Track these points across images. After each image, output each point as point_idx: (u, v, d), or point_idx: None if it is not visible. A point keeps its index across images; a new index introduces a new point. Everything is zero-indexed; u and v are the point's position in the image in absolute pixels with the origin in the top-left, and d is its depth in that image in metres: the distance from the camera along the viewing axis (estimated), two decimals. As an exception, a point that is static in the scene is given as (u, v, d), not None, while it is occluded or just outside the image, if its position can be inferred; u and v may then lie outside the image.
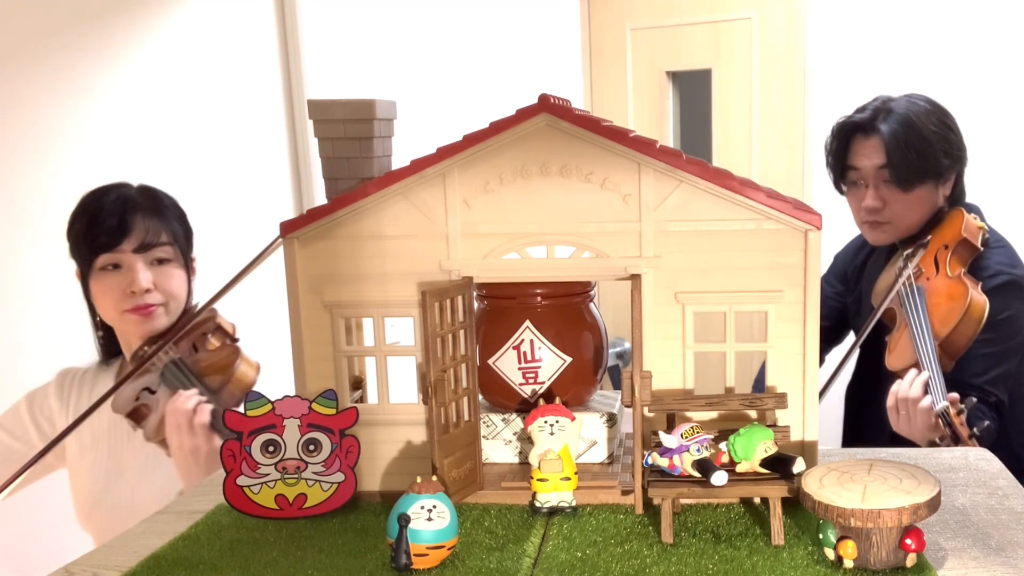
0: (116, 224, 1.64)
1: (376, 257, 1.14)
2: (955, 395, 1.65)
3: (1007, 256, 1.90)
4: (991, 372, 1.80)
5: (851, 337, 2.15)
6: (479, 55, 3.64)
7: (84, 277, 1.68)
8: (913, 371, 1.70)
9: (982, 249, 1.85)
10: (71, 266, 1.73)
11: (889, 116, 1.91)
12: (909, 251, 1.89)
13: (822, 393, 1.90)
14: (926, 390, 1.66)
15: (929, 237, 1.88)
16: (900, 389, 1.70)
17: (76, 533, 1.78)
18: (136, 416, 1.63)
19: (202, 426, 1.53)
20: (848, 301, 2.16)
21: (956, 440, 1.58)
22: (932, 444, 1.62)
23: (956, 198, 1.97)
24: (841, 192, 2.03)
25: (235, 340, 1.72)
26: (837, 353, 2.05)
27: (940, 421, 1.61)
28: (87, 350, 1.82)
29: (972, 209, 1.97)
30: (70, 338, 1.85)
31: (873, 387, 2.02)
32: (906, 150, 1.87)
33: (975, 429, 1.60)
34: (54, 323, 1.99)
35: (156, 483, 1.67)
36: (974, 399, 1.64)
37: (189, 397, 1.56)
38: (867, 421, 2.07)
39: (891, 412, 1.72)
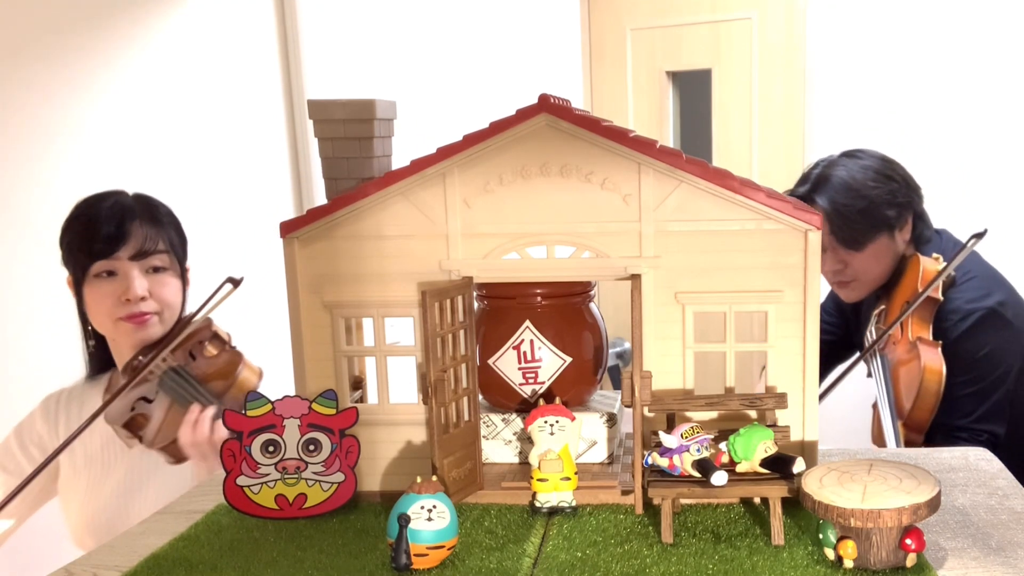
0: (114, 231, 1.61)
1: (376, 257, 1.14)
2: None
3: (977, 288, 1.88)
4: (980, 410, 1.80)
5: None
6: (479, 55, 3.64)
7: (78, 284, 1.65)
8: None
9: (942, 299, 1.84)
10: (64, 274, 1.71)
11: (827, 184, 1.94)
12: (880, 309, 1.91)
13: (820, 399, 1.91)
14: None
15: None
16: None
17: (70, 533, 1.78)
18: (132, 426, 1.60)
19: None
20: (851, 331, 2.17)
21: None
22: None
23: (919, 235, 1.98)
24: None
25: (232, 348, 1.70)
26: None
27: None
28: (74, 365, 1.79)
29: (941, 237, 1.96)
30: (61, 348, 1.83)
31: None
32: (846, 214, 1.90)
33: None
34: (48, 329, 1.98)
35: (152, 498, 1.65)
36: None
37: (202, 420, 1.53)
38: None
39: None
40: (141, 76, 2.34)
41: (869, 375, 1.94)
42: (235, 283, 1.53)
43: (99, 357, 1.76)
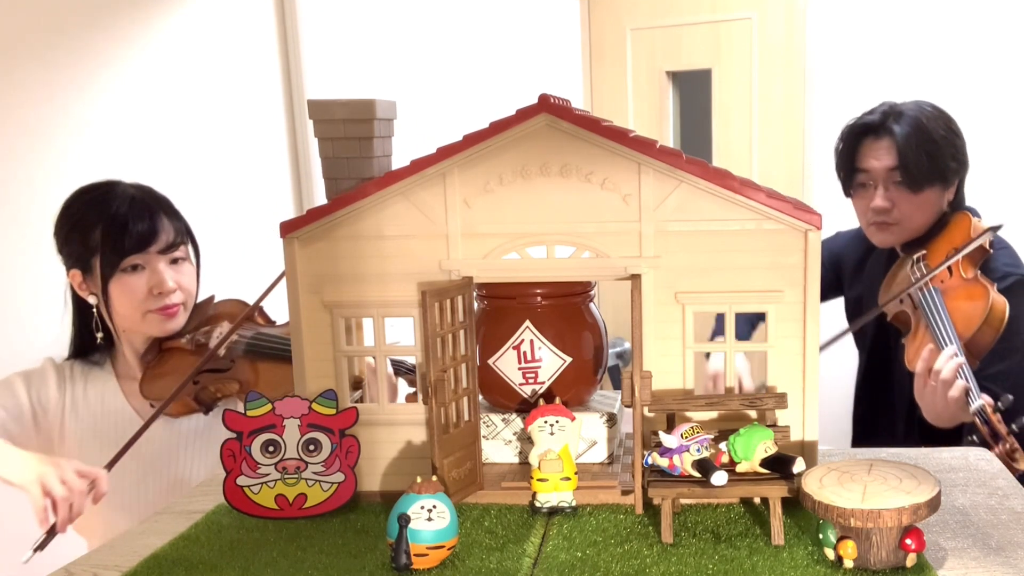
0: (146, 227, 1.64)
1: (376, 257, 1.14)
2: (988, 397, 1.65)
3: (1011, 256, 1.92)
4: (993, 368, 1.82)
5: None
6: (479, 55, 3.64)
7: (104, 280, 1.65)
8: (950, 351, 1.70)
9: (991, 251, 1.87)
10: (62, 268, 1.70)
11: (900, 118, 1.93)
12: (921, 253, 1.91)
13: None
14: (957, 376, 1.67)
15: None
16: (934, 362, 1.70)
17: (69, 533, 1.77)
18: (202, 398, 1.65)
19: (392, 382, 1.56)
20: (849, 297, 2.17)
21: (995, 437, 1.58)
22: (968, 441, 1.62)
23: (958, 203, 2.00)
24: (849, 195, 2.04)
25: (273, 321, 1.78)
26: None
27: (977, 419, 1.62)
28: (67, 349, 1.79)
29: (971, 212, 1.99)
30: (63, 339, 1.83)
31: (883, 392, 2.03)
32: (917, 152, 1.89)
33: (1013, 425, 1.61)
34: (50, 324, 1.98)
35: (157, 483, 1.66)
36: (1010, 397, 1.65)
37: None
38: (878, 426, 2.07)
39: (918, 378, 1.73)
40: (141, 76, 2.34)
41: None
42: None
43: (104, 348, 1.76)
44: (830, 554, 0.94)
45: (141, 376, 1.68)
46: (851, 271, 2.16)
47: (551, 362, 1.21)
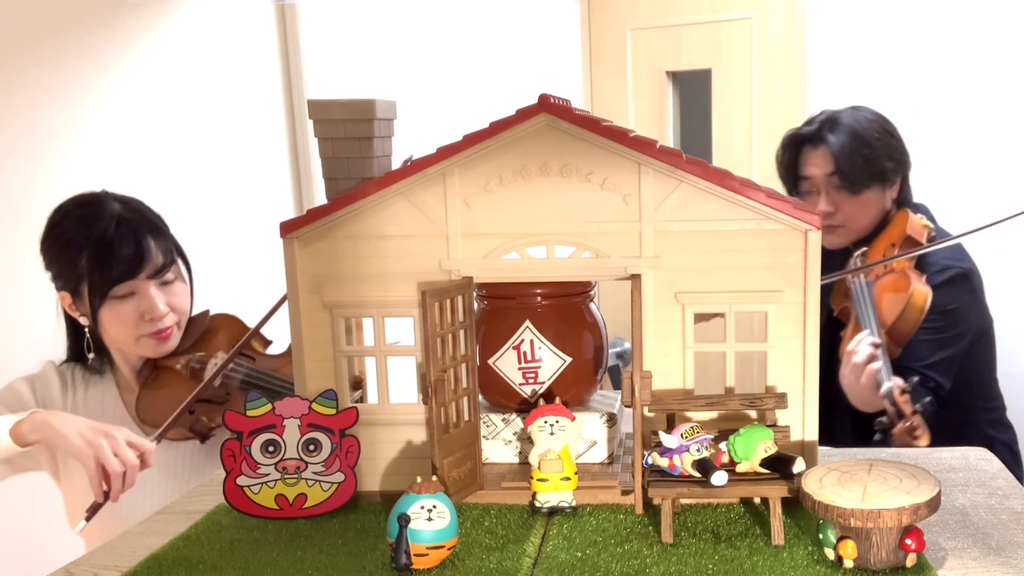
0: (132, 252, 1.60)
1: (376, 257, 1.14)
2: (899, 379, 1.69)
3: (953, 250, 1.99)
4: (932, 357, 1.90)
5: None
6: (479, 55, 3.64)
7: (94, 308, 1.62)
8: (865, 334, 1.77)
9: (926, 244, 1.94)
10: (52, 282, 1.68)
11: (836, 127, 2.04)
12: (862, 249, 2.00)
13: None
14: (872, 360, 1.71)
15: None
16: (851, 345, 1.78)
17: (69, 533, 1.78)
18: (196, 427, 1.64)
19: None
20: None
21: (900, 416, 1.63)
22: (879, 423, 1.66)
23: (903, 200, 2.08)
24: None
25: (270, 342, 1.75)
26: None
27: (886, 401, 1.67)
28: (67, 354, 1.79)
29: (920, 209, 2.07)
30: (60, 342, 1.83)
31: (831, 389, 2.06)
32: (852, 157, 2.00)
33: (918, 405, 1.65)
34: (48, 326, 1.98)
35: (152, 487, 1.66)
36: (916, 378, 1.72)
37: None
38: (829, 421, 2.10)
39: (843, 363, 1.80)
40: (141, 77, 2.34)
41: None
42: None
43: (97, 367, 1.75)
44: (830, 554, 0.94)
45: (136, 398, 1.67)
46: None
47: (551, 362, 1.21)
